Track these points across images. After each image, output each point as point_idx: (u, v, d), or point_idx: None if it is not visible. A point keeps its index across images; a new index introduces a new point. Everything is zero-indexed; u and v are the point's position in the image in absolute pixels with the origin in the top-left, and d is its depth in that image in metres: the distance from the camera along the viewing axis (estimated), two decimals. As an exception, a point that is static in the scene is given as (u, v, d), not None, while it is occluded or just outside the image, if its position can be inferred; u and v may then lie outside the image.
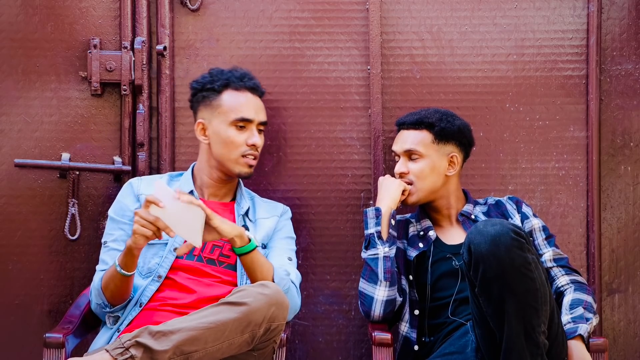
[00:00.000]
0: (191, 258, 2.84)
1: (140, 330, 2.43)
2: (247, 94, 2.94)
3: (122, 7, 3.19)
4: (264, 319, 2.50)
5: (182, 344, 2.42)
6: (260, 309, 2.49)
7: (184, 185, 2.94)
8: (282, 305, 2.54)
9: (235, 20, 3.24)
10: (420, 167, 2.98)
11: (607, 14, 3.25)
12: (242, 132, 2.92)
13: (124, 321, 2.77)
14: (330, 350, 3.26)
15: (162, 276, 2.81)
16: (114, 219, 2.89)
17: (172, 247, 2.84)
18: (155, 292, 2.80)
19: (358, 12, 3.25)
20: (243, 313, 2.47)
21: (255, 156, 2.93)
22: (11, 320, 3.22)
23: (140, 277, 2.82)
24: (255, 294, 2.51)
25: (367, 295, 2.92)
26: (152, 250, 2.85)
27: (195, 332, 2.44)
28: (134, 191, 2.92)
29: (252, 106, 2.94)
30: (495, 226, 2.55)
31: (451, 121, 2.99)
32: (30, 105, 3.21)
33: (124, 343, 2.40)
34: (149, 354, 2.40)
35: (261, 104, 2.98)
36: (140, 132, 3.19)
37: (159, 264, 2.82)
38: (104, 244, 2.87)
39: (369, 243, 2.94)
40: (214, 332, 2.45)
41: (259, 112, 2.96)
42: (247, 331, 2.49)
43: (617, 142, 3.27)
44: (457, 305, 2.87)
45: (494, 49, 3.25)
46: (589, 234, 3.24)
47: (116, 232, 2.86)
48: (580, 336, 2.73)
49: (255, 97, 2.97)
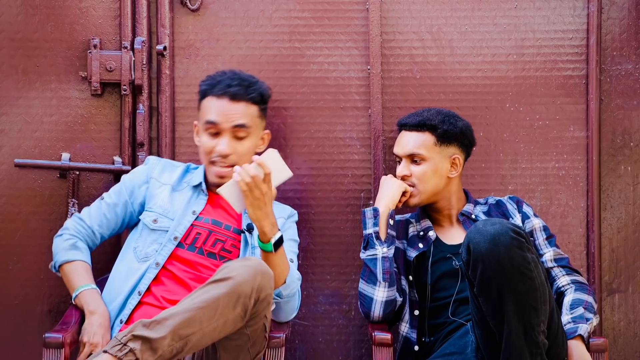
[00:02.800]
0: (192, 250, 2.85)
1: (134, 325, 2.44)
2: (224, 100, 2.89)
3: (122, 7, 3.19)
4: (252, 289, 2.50)
5: (179, 327, 2.43)
6: (246, 280, 2.50)
7: (195, 179, 2.97)
8: (267, 274, 2.56)
9: (235, 20, 3.24)
10: (423, 170, 2.97)
11: (607, 14, 3.25)
12: (214, 139, 2.90)
13: (124, 309, 2.79)
14: (330, 350, 3.26)
15: (160, 264, 2.82)
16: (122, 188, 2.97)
17: (172, 236, 2.86)
18: (153, 281, 2.81)
19: (358, 12, 3.25)
20: (231, 287, 2.48)
21: (223, 164, 2.88)
22: (11, 320, 3.22)
23: (137, 262, 2.84)
24: (239, 267, 2.52)
25: (367, 296, 2.92)
26: (152, 235, 2.88)
27: (188, 313, 2.45)
28: (148, 173, 2.98)
29: (223, 111, 2.88)
30: (494, 225, 2.55)
31: (454, 123, 2.98)
32: (30, 105, 3.21)
33: (121, 339, 2.41)
34: (147, 344, 2.40)
35: (243, 109, 2.90)
36: (140, 132, 3.19)
37: (158, 251, 2.84)
38: (101, 198, 2.98)
39: (367, 244, 2.94)
40: (207, 311, 2.46)
41: (231, 117, 2.88)
42: (239, 304, 2.49)
43: (617, 142, 3.26)
44: (458, 305, 2.87)
45: (494, 49, 3.25)
46: (589, 234, 3.24)
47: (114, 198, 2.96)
48: (580, 336, 2.73)
49: (237, 102, 2.89)
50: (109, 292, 2.86)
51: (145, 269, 2.82)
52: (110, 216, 2.95)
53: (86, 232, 2.94)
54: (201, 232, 2.87)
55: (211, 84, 2.93)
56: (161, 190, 2.95)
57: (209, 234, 2.87)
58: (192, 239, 2.87)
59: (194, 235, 2.87)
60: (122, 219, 2.96)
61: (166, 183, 2.97)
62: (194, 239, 2.86)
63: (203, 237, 2.87)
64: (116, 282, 2.86)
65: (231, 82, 2.91)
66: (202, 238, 2.87)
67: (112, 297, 2.83)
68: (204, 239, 2.86)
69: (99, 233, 2.95)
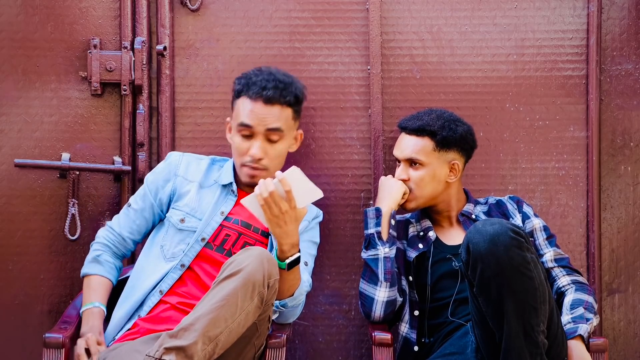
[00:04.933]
0: (221, 251, 2.83)
1: (161, 339, 2.43)
2: (259, 102, 2.85)
3: (122, 7, 3.19)
4: (264, 275, 2.51)
5: (207, 330, 2.43)
6: (257, 268, 2.50)
7: (225, 177, 2.93)
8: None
9: (235, 20, 3.24)
10: (421, 175, 2.96)
11: (607, 14, 3.25)
12: (247, 141, 2.86)
13: (143, 306, 2.78)
14: (330, 350, 3.26)
15: (186, 265, 2.81)
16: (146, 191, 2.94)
17: (199, 237, 2.83)
18: (177, 281, 2.80)
19: (358, 12, 3.25)
20: (245, 278, 2.48)
21: (255, 167, 2.85)
22: (11, 320, 3.22)
23: (163, 260, 2.83)
24: (245, 258, 2.53)
25: (368, 296, 2.92)
26: (179, 235, 2.85)
27: (212, 314, 2.45)
28: (172, 170, 2.94)
29: (257, 114, 2.84)
30: (494, 225, 2.55)
31: (453, 128, 2.96)
32: (30, 105, 3.21)
33: (154, 355, 2.40)
34: (182, 352, 2.40)
35: (277, 112, 2.85)
36: (140, 132, 3.19)
37: (184, 251, 2.82)
38: (128, 205, 2.95)
39: (369, 243, 2.94)
40: (229, 307, 2.46)
41: (265, 121, 2.84)
42: (255, 294, 2.50)
43: (617, 142, 3.26)
44: (457, 305, 2.87)
45: (494, 49, 3.25)
46: (589, 234, 3.24)
47: (140, 203, 2.93)
48: (580, 336, 2.73)
49: (271, 106, 2.85)
50: (132, 286, 2.84)
51: (170, 269, 2.81)
52: (140, 222, 2.93)
53: (117, 239, 2.92)
54: (231, 234, 2.84)
55: (246, 84, 2.88)
56: (189, 188, 2.91)
57: (238, 236, 2.84)
58: (220, 240, 2.84)
59: (222, 236, 2.84)
60: (152, 221, 2.94)
61: (193, 180, 2.92)
62: (223, 240, 2.83)
63: (232, 239, 2.84)
64: (140, 277, 2.84)
65: (267, 84, 2.85)
66: (232, 240, 2.84)
67: (133, 292, 2.82)
68: (233, 241, 2.83)
69: (130, 240, 2.93)
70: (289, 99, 2.88)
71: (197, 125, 3.23)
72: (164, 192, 2.92)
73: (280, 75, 2.90)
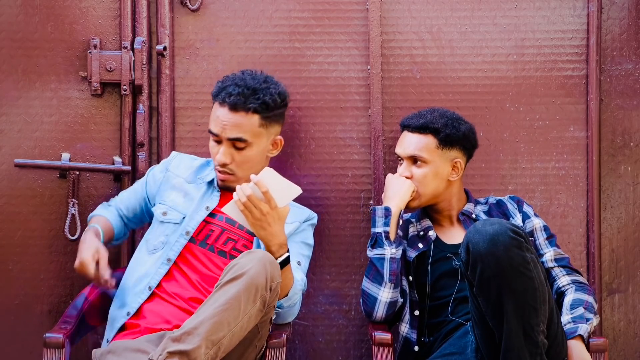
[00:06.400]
0: (203, 246, 2.85)
1: (164, 343, 2.45)
2: (224, 109, 2.86)
3: (122, 7, 3.19)
4: (266, 279, 2.52)
5: (210, 334, 2.44)
6: (259, 271, 2.51)
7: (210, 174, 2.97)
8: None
9: (235, 20, 3.24)
10: (424, 172, 2.96)
11: (607, 14, 3.25)
12: (217, 145, 2.89)
13: (133, 304, 2.79)
14: (330, 350, 3.26)
15: (172, 260, 2.83)
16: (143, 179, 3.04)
17: (184, 231, 2.86)
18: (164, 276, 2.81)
19: (358, 12, 3.25)
20: (248, 282, 2.49)
21: (223, 172, 2.88)
22: (11, 320, 3.22)
23: (146, 253, 2.86)
24: (248, 261, 2.54)
25: (371, 295, 2.92)
26: (161, 228, 2.89)
27: (215, 318, 2.45)
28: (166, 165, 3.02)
29: (221, 121, 2.85)
30: (493, 225, 2.55)
31: (456, 126, 2.97)
32: (30, 105, 3.21)
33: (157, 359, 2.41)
34: (185, 357, 2.41)
35: (241, 120, 2.85)
36: (140, 132, 3.19)
37: (166, 243, 2.85)
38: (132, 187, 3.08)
39: (376, 242, 2.94)
40: (232, 312, 2.47)
41: (225, 130, 2.84)
42: (258, 298, 2.51)
43: (617, 142, 3.26)
44: (457, 304, 2.87)
45: (494, 49, 3.25)
46: (589, 234, 3.24)
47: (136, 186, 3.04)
48: (580, 336, 2.73)
49: (235, 112, 2.84)
50: (124, 283, 2.87)
51: (154, 262, 2.83)
52: (130, 202, 3.02)
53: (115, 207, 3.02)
54: (214, 229, 2.87)
55: (218, 88, 2.90)
56: (174, 183, 2.96)
57: (221, 232, 2.86)
58: (204, 235, 2.86)
59: (206, 231, 2.87)
60: (141, 207, 3.01)
61: (180, 176, 2.98)
62: (207, 235, 2.86)
63: (215, 235, 2.86)
64: (129, 273, 2.88)
65: (233, 90, 2.85)
66: (215, 235, 2.86)
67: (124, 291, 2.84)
68: (216, 236, 2.86)
69: (124, 215, 3.01)
70: (254, 106, 2.85)
71: (197, 125, 3.23)
72: (155, 185, 2.99)
73: (251, 81, 2.88)
